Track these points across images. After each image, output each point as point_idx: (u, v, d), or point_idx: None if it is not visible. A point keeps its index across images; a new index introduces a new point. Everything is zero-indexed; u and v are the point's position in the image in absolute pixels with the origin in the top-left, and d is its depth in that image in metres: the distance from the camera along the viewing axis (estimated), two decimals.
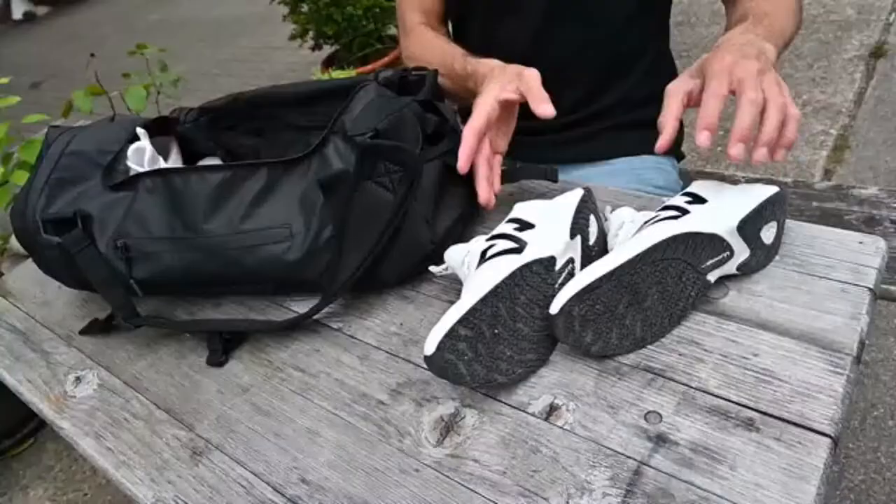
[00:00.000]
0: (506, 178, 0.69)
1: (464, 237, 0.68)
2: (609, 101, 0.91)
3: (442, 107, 0.67)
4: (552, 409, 0.50)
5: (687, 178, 0.99)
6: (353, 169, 0.59)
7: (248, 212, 0.62)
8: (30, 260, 0.89)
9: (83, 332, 0.72)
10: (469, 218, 0.69)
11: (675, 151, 0.96)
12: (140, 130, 0.72)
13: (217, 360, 0.63)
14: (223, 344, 0.63)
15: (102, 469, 0.58)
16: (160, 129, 0.78)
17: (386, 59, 2.51)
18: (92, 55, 1.57)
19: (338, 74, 2.17)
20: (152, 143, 0.73)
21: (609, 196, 0.71)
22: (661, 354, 0.52)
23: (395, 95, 0.66)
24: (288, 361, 0.62)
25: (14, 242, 1.50)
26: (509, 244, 0.55)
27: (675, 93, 0.59)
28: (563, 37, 0.86)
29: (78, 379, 0.67)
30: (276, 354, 0.63)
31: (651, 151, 0.93)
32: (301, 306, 0.68)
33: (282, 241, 0.62)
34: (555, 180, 0.69)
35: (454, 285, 0.65)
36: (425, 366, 0.55)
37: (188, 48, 4.53)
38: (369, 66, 2.49)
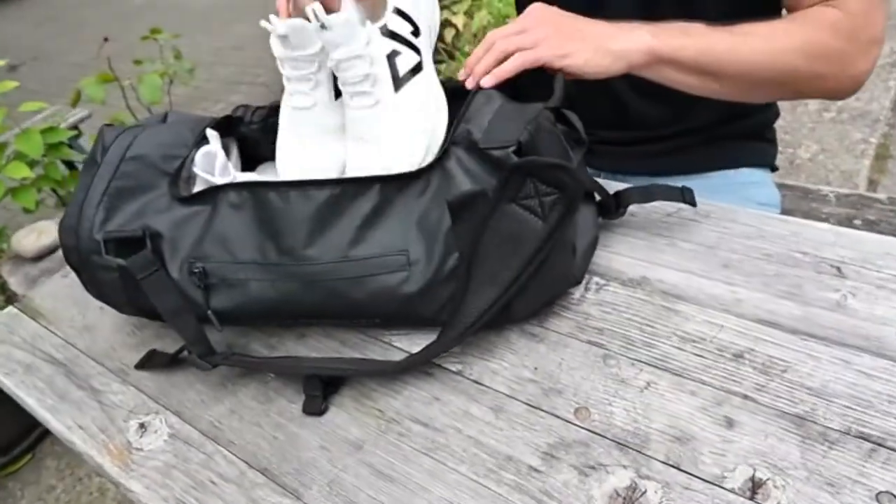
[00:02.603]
0: (638, 198, 0.61)
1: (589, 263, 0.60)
2: (704, 112, 0.83)
3: (571, 116, 0.58)
4: (756, 485, 0.42)
5: None
6: (495, 189, 0.50)
7: (357, 236, 0.53)
8: (60, 275, 0.78)
9: (140, 366, 0.62)
10: (596, 242, 0.61)
11: (769, 162, 0.88)
12: (211, 132, 0.62)
13: (317, 408, 0.53)
14: (323, 388, 0.54)
15: None
16: (221, 130, 0.68)
17: None
18: (105, 39, 1.44)
19: None
20: None
21: (723, 214, 0.63)
22: (874, 417, 0.44)
23: (508, 99, 0.57)
24: (403, 411, 0.52)
25: (15, 242, 1.37)
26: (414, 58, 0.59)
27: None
28: None
29: (142, 426, 0.57)
30: (387, 402, 0.54)
31: (749, 164, 0.86)
32: (404, 341, 0.59)
33: (398, 271, 0.52)
34: (693, 203, 0.60)
35: (590, 322, 0.56)
36: (579, 422, 0.47)
37: (179, 35, 4.36)
38: None
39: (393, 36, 0.58)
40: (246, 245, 0.54)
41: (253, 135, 0.69)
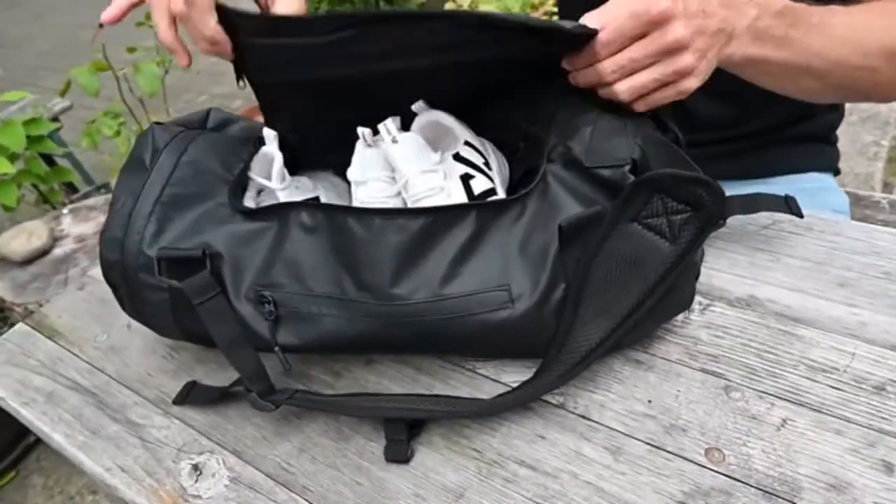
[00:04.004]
0: (741, 208, 0.55)
1: None
2: (772, 112, 0.79)
3: (669, 122, 0.53)
4: None
5: None
6: (614, 207, 0.44)
7: (451, 271, 0.46)
8: (75, 287, 0.70)
9: (180, 401, 0.54)
10: (702, 258, 0.55)
11: (834, 166, 0.84)
12: (268, 132, 0.54)
13: (402, 455, 0.47)
14: (407, 430, 0.47)
15: None
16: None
17: None
18: (101, 26, 1.33)
19: None
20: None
21: (826, 226, 0.58)
22: None
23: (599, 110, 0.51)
24: (504, 452, 0.46)
25: (3, 244, 1.26)
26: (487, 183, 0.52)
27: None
28: None
29: (197, 469, 0.49)
30: (483, 440, 0.47)
31: (816, 168, 0.82)
32: (490, 369, 0.53)
33: (500, 309, 0.45)
34: (800, 214, 0.55)
35: (701, 347, 0.51)
36: (713, 466, 0.42)
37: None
38: None
39: (465, 161, 0.52)
40: (320, 275, 0.47)
41: (293, 143, 0.62)
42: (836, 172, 0.86)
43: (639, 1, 0.44)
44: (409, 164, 0.50)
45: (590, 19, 0.46)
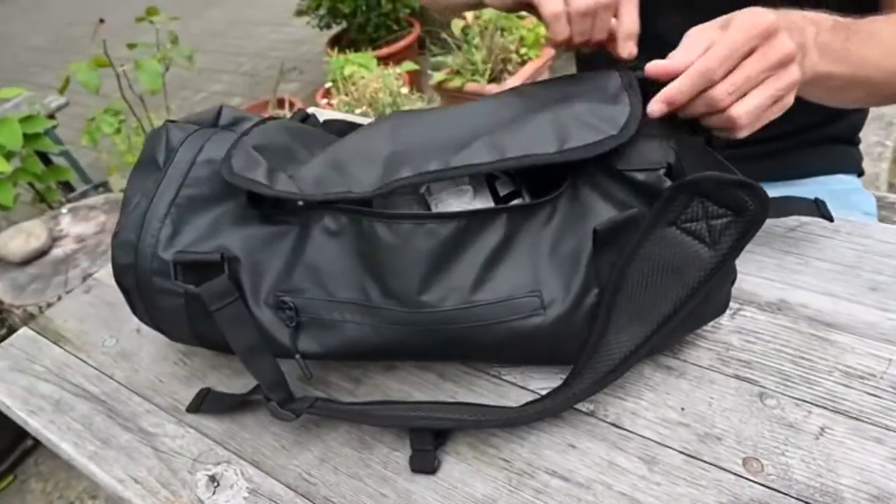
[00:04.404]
0: (772, 212, 0.54)
1: None
2: (801, 114, 0.77)
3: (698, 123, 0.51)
4: None
5: None
6: (653, 211, 0.42)
7: (481, 276, 0.44)
8: (81, 290, 0.68)
9: (194, 409, 0.53)
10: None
11: (859, 167, 0.83)
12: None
13: (429, 465, 0.45)
14: (433, 440, 0.46)
15: None
16: None
17: (402, 44, 2.30)
18: (101, 20, 1.30)
19: (357, 58, 1.96)
20: None
21: (854, 229, 0.57)
22: None
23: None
24: (534, 462, 0.45)
25: (1, 245, 1.23)
26: None
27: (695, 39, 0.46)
28: None
29: (213, 480, 0.48)
30: (512, 450, 0.46)
31: (843, 169, 0.81)
32: (516, 375, 0.51)
33: (531, 315, 0.44)
34: (830, 218, 0.54)
35: (733, 353, 0.49)
36: (751, 476, 0.41)
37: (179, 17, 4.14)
38: (384, 50, 2.28)
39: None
40: (343, 281, 0.46)
41: None
42: (861, 174, 0.85)
43: (745, 16, 0.43)
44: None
45: (693, 38, 0.45)
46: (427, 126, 0.50)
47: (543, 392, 0.49)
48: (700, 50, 0.44)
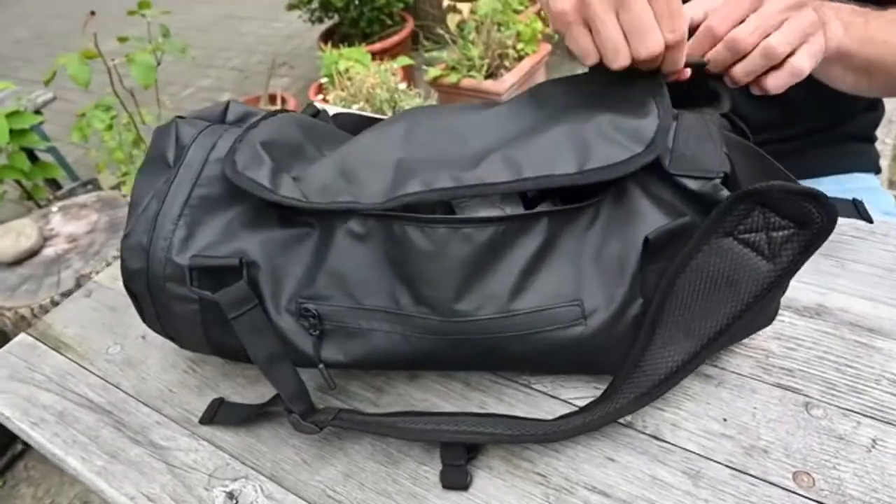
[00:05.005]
0: None
1: None
2: (816, 112, 0.76)
3: (738, 120, 0.49)
4: None
5: None
6: (709, 220, 0.40)
7: (519, 284, 0.41)
8: (81, 294, 0.65)
9: (208, 420, 0.50)
10: None
11: (875, 165, 0.82)
12: None
13: (462, 481, 0.43)
14: (466, 453, 0.44)
15: None
16: None
17: (396, 39, 2.27)
18: (92, 13, 1.26)
19: (351, 53, 1.92)
20: None
21: (888, 230, 0.56)
22: None
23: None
24: (572, 476, 0.43)
25: None
26: None
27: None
28: None
29: (231, 497, 0.45)
30: (548, 464, 0.44)
31: (860, 168, 0.79)
32: (547, 384, 0.49)
33: (571, 325, 0.42)
34: (869, 220, 0.53)
35: (773, 360, 0.48)
36: (802, 491, 0.39)
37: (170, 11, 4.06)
38: (377, 45, 2.24)
39: None
40: (371, 287, 0.43)
41: None
42: (878, 171, 0.84)
43: None
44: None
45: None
46: (441, 132, 0.47)
47: (577, 402, 0.47)
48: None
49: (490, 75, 2.04)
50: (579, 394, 0.48)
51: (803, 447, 0.42)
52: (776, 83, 0.48)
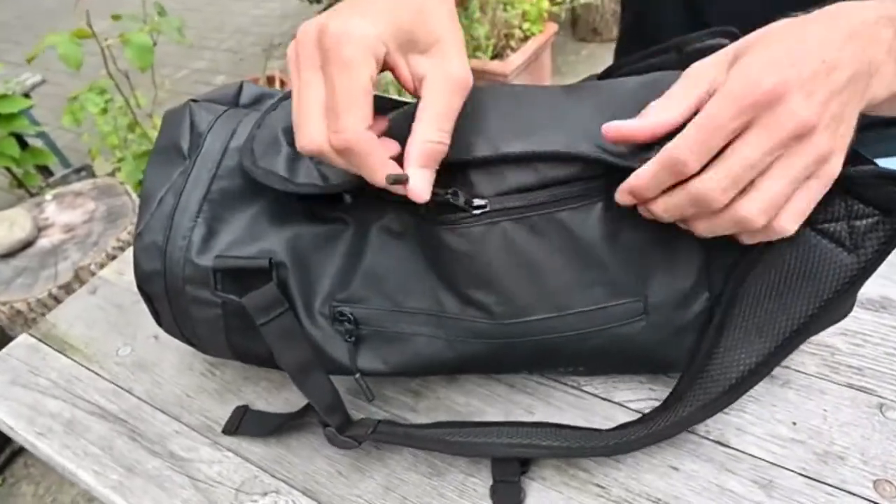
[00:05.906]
0: None
1: None
2: None
3: None
4: None
5: None
6: None
7: (578, 279, 0.38)
8: (86, 291, 0.61)
9: (232, 430, 0.47)
10: None
11: None
12: None
13: (515, 498, 0.39)
14: (519, 467, 0.40)
15: None
16: None
17: None
18: None
19: None
20: None
21: None
22: None
23: None
24: (633, 487, 0.40)
25: None
26: None
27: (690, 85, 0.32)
28: None
29: None
30: (606, 473, 0.41)
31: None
32: (598, 385, 0.46)
33: (632, 321, 0.38)
34: None
35: (840, 357, 0.44)
36: (886, 502, 0.36)
37: None
38: None
39: None
40: (412, 288, 0.39)
41: None
42: None
43: (733, 78, 0.30)
44: None
45: (656, 110, 0.32)
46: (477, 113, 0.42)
47: (631, 406, 0.44)
48: (684, 106, 0.31)
49: (496, 55, 1.98)
50: (634, 396, 0.44)
51: (881, 453, 0.39)
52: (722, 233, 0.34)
